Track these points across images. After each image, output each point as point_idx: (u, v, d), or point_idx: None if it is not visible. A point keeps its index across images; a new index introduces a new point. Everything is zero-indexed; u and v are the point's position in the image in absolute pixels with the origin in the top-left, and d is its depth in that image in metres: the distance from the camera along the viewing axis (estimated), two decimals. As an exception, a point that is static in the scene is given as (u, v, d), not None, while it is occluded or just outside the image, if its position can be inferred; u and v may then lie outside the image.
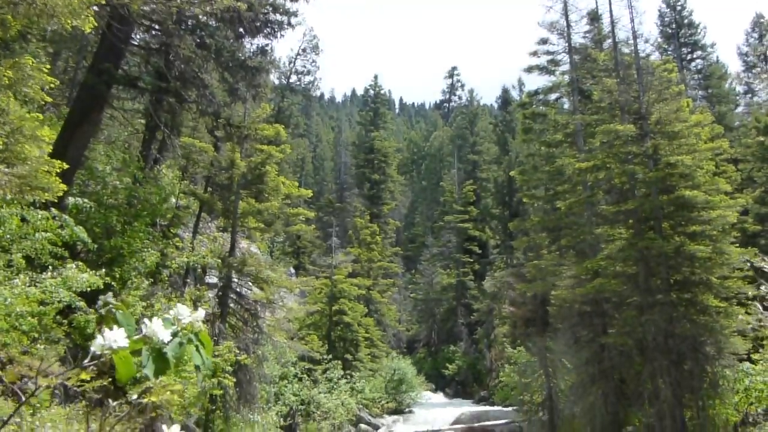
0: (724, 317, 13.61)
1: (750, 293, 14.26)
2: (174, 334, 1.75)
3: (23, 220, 9.09)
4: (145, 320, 1.73)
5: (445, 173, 61.39)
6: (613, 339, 14.24)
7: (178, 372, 10.90)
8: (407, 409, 30.45)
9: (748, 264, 15.48)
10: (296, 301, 27.12)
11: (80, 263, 9.53)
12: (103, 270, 9.64)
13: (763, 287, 15.07)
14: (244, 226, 18.65)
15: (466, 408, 29.20)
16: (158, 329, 1.71)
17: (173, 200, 18.28)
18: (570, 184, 18.48)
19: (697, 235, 13.98)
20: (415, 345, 46.64)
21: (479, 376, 37.67)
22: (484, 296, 39.02)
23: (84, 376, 1.73)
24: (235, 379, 14.58)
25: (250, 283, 18.18)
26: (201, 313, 1.83)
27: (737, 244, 14.51)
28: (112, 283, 10.62)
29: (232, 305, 17.56)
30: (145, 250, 13.37)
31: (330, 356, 25.51)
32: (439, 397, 37.31)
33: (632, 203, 14.43)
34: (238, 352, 14.37)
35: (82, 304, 9.19)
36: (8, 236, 8.85)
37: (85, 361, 1.71)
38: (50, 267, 9.00)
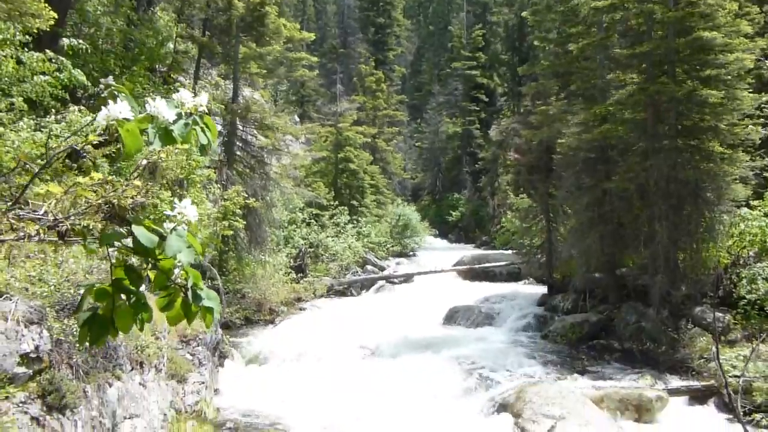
0: (728, 164, 13.63)
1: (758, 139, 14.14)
2: (178, 116, 1.75)
3: (19, 62, 8.86)
4: (148, 99, 1.72)
5: (453, 17, 58.55)
6: (616, 184, 14.41)
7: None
8: (411, 253, 31.83)
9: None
10: (302, 149, 27.25)
11: (83, 108, 9.45)
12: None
13: None
14: (246, 71, 18.19)
15: (468, 251, 30.48)
16: (163, 108, 1.71)
17: (171, 45, 17.68)
18: (584, 25, 17.59)
19: (710, 80, 13.57)
20: (420, 192, 47.60)
21: (481, 222, 38.85)
22: (489, 145, 39.02)
23: (92, 138, 1.76)
24: (245, 222, 15.10)
25: (255, 131, 18.14)
26: (204, 97, 1.81)
27: (751, 90, 14.12)
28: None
29: (238, 153, 17.68)
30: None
31: (336, 202, 26.16)
32: (442, 242, 38.84)
33: (647, 45, 13.83)
34: (246, 196, 14.71)
35: (89, 147, 9.24)
36: (6, 79, 8.68)
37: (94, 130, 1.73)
38: (53, 110, 8.94)
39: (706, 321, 12.76)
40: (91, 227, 1.68)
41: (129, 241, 1.69)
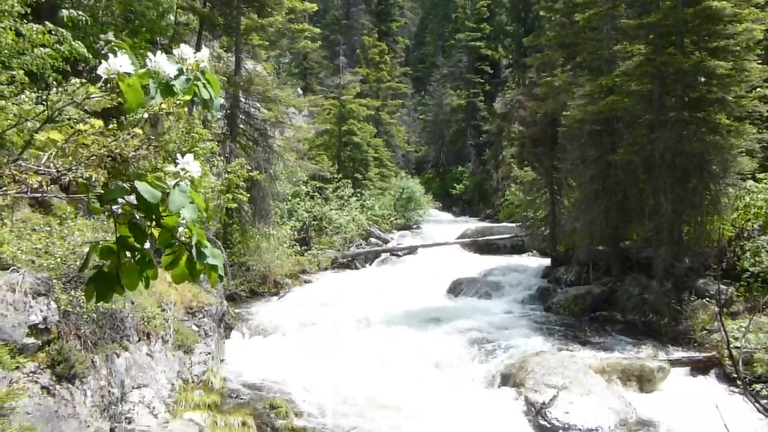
0: (734, 136, 13.52)
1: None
2: (179, 71, 1.74)
3: (18, 34, 8.78)
4: (149, 54, 1.71)
5: (457, -14, 57.47)
6: (621, 157, 14.32)
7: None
8: (415, 226, 31.86)
9: None
10: (305, 122, 27.12)
11: (84, 81, 9.37)
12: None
13: None
14: (248, 43, 18.00)
15: (472, 224, 30.50)
16: (164, 63, 1.69)
17: (171, 17, 17.47)
18: (591, -5, 17.33)
19: (719, 51, 13.39)
20: (424, 166, 47.44)
21: (485, 195, 38.74)
22: (493, 117, 38.73)
23: (92, 90, 1.74)
24: (249, 195, 15.11)
25: (258, 104, 18.03)
26: (205, 52, 1.80)
27: (760, 62, 13.92)
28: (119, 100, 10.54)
29: (241, 126, 17.60)
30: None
31: (340, 175, 26.12)
32: (446, 215, 38.81)
33: (655, 15, 13.62)
34: (250, 169, 14.68)
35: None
36: (6, 51, 8.61)
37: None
38: (54, 83, 8.88)
39: (709, 293, 12.81)
40: (93, 180, 1.67)
41: (132, 199, 1.69)
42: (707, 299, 12.72)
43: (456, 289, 17.28)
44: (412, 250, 24.19)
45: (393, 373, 10.35)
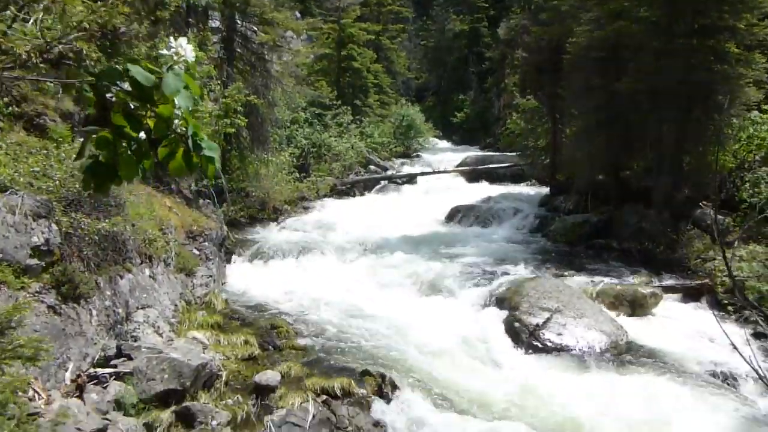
0: (743, 65, 13.22)
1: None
2: None
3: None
4: None
5: None
6: (626, 85, 14.06)
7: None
8: (415, 154, 31.69)
9: None
10: (304, 46, 26.44)
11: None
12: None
13: None
14: (243, -39, 17.26)
15: (472, 153, 30.35)
16: None
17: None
18: None
19: (733, -26, 12.90)
20: (425, 93, 46.69)
21: (486, 124, 38.35)
22: (497, 43, 37.77)
23: None
24: (247, 121, 14.92)
25: (255, 27, 17.50)
26: None
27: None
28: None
29: (238, 50, 17.16)
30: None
31: (339, 102, 25.73)
32: (446, 144, 38.58)
33: (669, -65, 13.06)
34: (248, 93, 14.43)
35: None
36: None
37: None
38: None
39: (706, 223, 12.90)
40: (84, 54, 1.64)
41: (126, 86, 1.64)
42: (705, 227, 12.82)
43: (454, 216, 17.39)
44: (411, 177, 24.17)
45: (390, 296, 10.58)
